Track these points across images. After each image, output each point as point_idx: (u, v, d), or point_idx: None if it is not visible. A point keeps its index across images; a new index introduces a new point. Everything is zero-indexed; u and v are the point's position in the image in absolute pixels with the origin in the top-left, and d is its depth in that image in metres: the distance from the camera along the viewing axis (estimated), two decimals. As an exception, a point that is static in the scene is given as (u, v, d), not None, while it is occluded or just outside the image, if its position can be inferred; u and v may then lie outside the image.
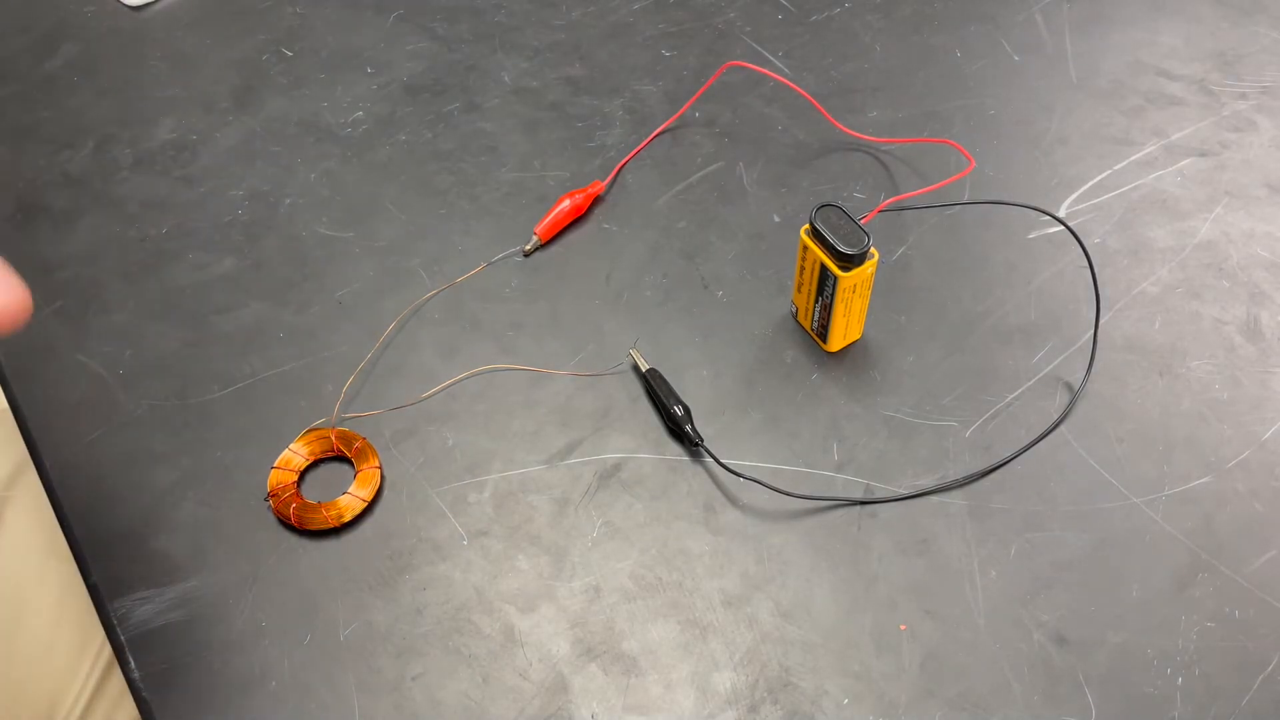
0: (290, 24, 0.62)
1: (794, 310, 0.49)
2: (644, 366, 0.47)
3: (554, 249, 0.52)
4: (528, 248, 0.51)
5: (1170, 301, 0.50)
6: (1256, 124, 0.56)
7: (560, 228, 0.52)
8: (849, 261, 0.44)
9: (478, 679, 0.40)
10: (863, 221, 0.45)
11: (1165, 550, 0.42)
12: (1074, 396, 0.46)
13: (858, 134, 0.55)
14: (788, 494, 0.43)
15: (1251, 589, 0.41)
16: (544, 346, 0.49)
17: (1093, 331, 0.48)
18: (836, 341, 0.48)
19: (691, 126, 0.57)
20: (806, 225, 0.45)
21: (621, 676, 0.40)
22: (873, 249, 0.44)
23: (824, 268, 0.45)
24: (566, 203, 0.52)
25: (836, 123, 0.55)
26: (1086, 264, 0.48)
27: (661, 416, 0.46)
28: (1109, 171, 0.55)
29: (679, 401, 0.45)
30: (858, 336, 0.48)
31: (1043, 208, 0.51)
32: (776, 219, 0.53)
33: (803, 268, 0.46)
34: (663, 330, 0.49)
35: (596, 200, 0.53)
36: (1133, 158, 0.55)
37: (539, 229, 0.51)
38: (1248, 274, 0.51)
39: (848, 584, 0.42)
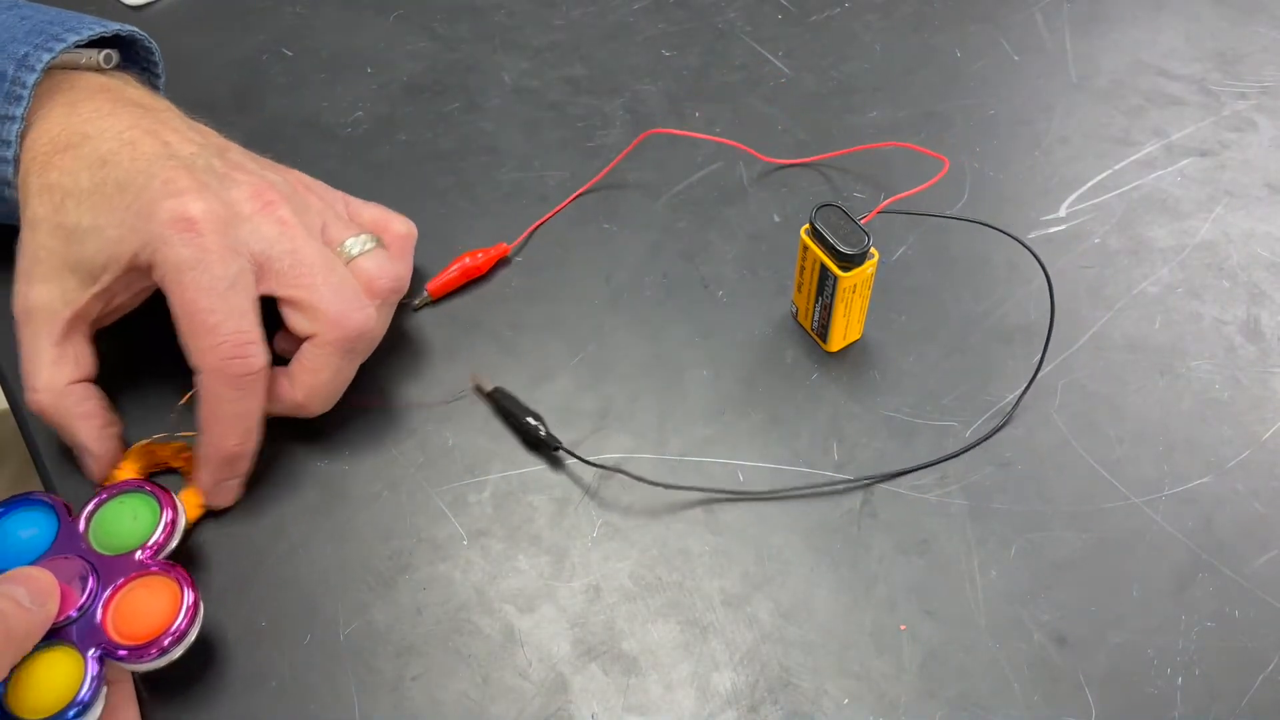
0: (290, 24, 0.62)
1: (794, 310, 0.49)
2: (488, 388, 0.46)
3: (554, 249, 0.52)
4: (417, 302, 0.49)
5: (1170, 301, 0.50)
6: (1256, 124, 0.56)
7: (454, 288, 0.50)
8: (849, 261, 0.44)
9: (477, 679, 0.40)
10: (863, 221, 0.45)
11: (1165, 550, 0.42)
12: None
13: (859, 135, 0.55)
14: (788, 494, 0.43)
15: (1252, 589, 0.41)
16: (544, 346, 0.49)
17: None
18: (837, 341, 0.48)
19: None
20: (806, 225, 0.45)
21: (621, 676, 0.40)
22: (873, 249, 0.44)
23: (824, 268, 0.45)
24: (467, 260, 0.50)
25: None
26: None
27: (518, 434, 0.45)
28: (1109, 171, 0.55)
29: (530, 412, 0.45)
30: (858, 336, 0.48)
31: (1012, 231, 0.50)
32: (776, 219, 0.53)
33: (803, 268, 0.46)
34: (663, 330, 0.49)
35: (500, 263, 0.51)
36: (1133, 157, 0.55)
37: (431, 286, 0.49)
38: (1248, 274, 0.51)
39: (848, 584, 0.42)
